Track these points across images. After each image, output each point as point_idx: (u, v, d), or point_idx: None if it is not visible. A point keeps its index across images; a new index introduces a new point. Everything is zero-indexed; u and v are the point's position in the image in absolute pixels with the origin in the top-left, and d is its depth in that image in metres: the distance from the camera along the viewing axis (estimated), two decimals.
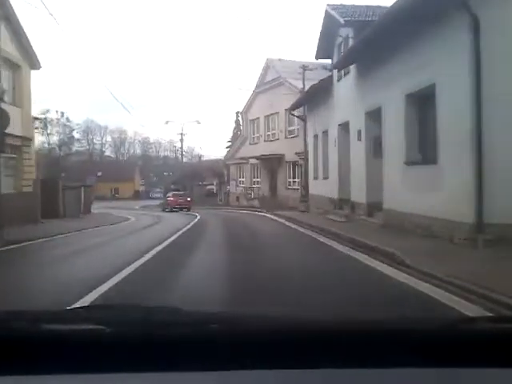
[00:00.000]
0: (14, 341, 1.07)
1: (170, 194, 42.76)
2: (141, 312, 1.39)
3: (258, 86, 40.65)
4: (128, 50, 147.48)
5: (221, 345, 1.07)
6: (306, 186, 27.75)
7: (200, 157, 74.71)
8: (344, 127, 18.73)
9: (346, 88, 18.28)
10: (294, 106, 26.31)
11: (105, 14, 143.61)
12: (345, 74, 18.56)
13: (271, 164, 38.17)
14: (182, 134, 52.35)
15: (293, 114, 28.07)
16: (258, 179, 41.03)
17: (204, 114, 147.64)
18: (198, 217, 28.10)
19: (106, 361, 1.03)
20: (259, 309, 3.19)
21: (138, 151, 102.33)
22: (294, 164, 35.78)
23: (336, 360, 1.04)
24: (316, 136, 23.13)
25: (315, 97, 21.95)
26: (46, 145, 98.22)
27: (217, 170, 51.83)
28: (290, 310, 2.65)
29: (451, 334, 1.16)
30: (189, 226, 20.31)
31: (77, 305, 5.22)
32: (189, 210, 37.92)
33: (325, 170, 21.50)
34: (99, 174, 77.67)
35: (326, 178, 21.23)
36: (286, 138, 37.01)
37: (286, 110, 36.99)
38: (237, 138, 47.04)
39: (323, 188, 21.53)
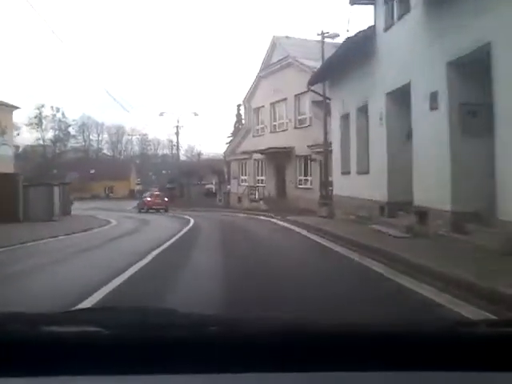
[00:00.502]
0: (11, 343, 1.03)
1: (147, 194, 39.81)
2: (138, 314, 1.36)
3: (262, 69, 34.22)
4: (123, 43, 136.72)
5: (218, 347, 1.03)
6: (326, 185, 21.36)
7: (199, 154, 68.27)
8: (397, 95, 12.33)
9: (402, 36, 11.85)
10: (314, 80, 19.75)
11: (97, 8, 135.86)
12: (399, 18, 12.15)
13: (278, 159, 31.75)
14: (177, 126, 45.95)
15: (313, 91, 21.55)
16: (263, 177, 34.60)
17: (203, 109, 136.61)
18: (191, 223, 21.70)
19: (104, 363, 0.99)
20: (257, 311, 3.57)
21: (136, 148, 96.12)
22: (306, 159, 29.37)
23: (335, 363, 1.00)
24: (346, 116, 16.66)
25: (344, 62, 15.51)
26: (41, 141, 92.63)
27: (216, 168, 45.44)
28: (289, 313, 2.81)
29: (451, 337, 1.11)
30: (173, 240, 13.95)
31: None
32: (166, 210, 35.70)
33: (361, 161, 15.05)
34: (92, 171, 71.53)
35: (363, 172, 14.77)
36: (295, 128, 30.58)
37: (295, 95, 30.69)
38: (238, 131, 40.57)
39: (359, 187, 15.07)
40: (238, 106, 55.84)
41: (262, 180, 34.57)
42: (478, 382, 1.00)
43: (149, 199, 37.81)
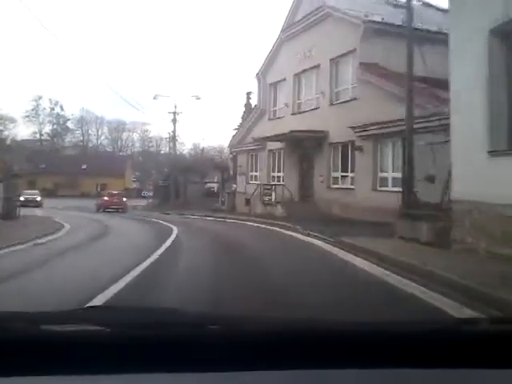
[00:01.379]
0: (14, 342, 0.98)
1: (106, 193, 34.67)
2: (139, 313, 1.31)
3: (284, 29, 24.38)
4: (118, 25, 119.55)
5: (219, 346, 0.98)
6: (410, 183, 11.49)
7: (202, 149, 58.33)
8: None
9: None
10: None
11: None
12: None
13: (303, 148, 21.95)
14: (175, 112, 36.04)
15: None
16: (281, 173, 24.73)
17: (208, 99, 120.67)
18: (168, 242, 11.97)
19: (106, 362, 0.95)
20: (257, 310, 3.53)
21: (137, 144, 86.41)
22: (346, 147, 19.60)
23: (335, 361, 0.96)
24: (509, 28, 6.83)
25: None
26: (38, 135, 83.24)
27: (219, 163, 35.65)
28: (288, 312, 2.81)
29: (453, 335, 1.08)
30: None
31: None
32: (124, 211, 30.74)
33: None
34: (84, 166, 61.90)
35: None
36: (331, 105, 20.76)
37: (332, 59, 20.81)
38: (248, 115, 30.59)
39: None
40: (248, 93, 45.96)
41: (280, 177, 24.74)
42: (481, 378, 0.96)
43: (106, 199, 32.52)
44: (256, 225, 18.41)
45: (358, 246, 9.53)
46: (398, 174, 17.16)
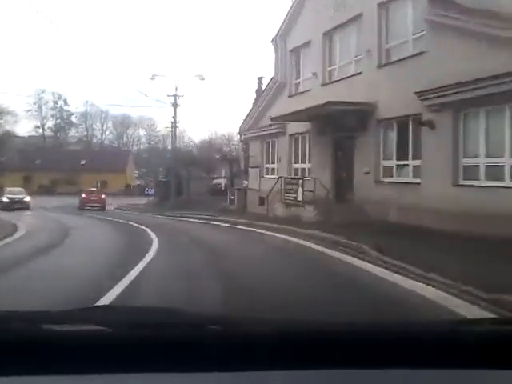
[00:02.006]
0: (14, 341, 0.96)
1: (85, 191, 33.05)
2: (140, 313, 1.27)
3: None
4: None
5: (218, 346, 0.97)
6: None
7: (209, 141, 52.21)
8: None
9: None
10: None
11: None
12: None
13: (339, 129, 15.87)
14: (175, 95, 29.90)
15: None
16: (306, 165, 18.58)
17: (216, 86, 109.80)
18: (129, 277, 5.98)
19: (106, 362, 0.93)
20: (257, 311, 3.40)
21: (144, 140, 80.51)
22: (405, 123, 13.46)
23: (334, 361, 0.94)
24: None
25: None
26: (40, 129, 77.78)
27: (227, 153, 29.56)
28: (288, 313, 2.72)
29: (453, 335, 1.05)
30: None
31: None
32: (104, 208, 29.63)
33: None
34: (82, 162, 56.13)
35: None
36: (380, 67, 14.57)
37: (380, 4, 14.69)
38: (262, 93, 24.31)
39: None
40: (260, 78, 39.76)
41: (305, 170, 18.57)
42: (481, 379, 0.94)
43: (84, 196, 31.07)
44: (284, 237, 12.32)
45: None
46: (500, 160, 11.08)
